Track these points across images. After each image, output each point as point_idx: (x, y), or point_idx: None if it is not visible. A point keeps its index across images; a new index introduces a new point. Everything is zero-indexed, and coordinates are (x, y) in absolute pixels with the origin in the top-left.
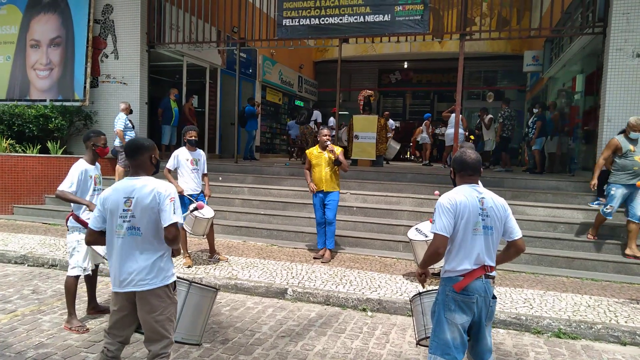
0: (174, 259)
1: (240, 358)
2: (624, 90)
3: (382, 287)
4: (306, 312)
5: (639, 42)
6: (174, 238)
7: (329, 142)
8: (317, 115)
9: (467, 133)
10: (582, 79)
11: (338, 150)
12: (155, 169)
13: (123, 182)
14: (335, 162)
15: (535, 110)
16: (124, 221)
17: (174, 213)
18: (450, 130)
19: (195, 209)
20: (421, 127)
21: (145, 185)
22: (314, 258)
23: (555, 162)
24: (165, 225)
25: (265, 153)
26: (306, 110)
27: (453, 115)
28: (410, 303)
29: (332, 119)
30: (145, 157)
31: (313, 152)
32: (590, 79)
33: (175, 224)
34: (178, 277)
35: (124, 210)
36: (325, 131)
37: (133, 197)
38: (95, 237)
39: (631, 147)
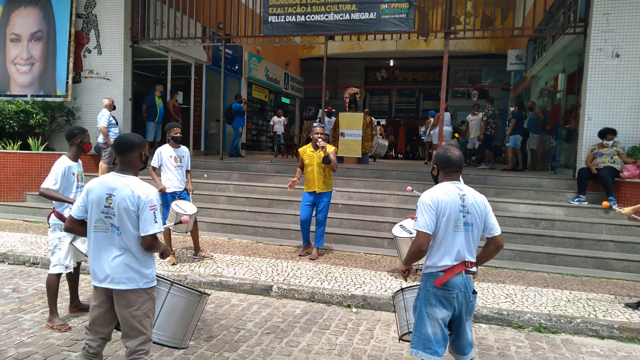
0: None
1: (225, 355)
2: (604, 89)
3: (367, 283)
4: (291, 308)
5: (619, 42)
6: (149, 247)
7: (320, 140)
8: (321, 113)
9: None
10: (564, 78)
11: (330, 148)
12: (144, 166)
13: (109, 177)
14: (324, 160)
15: (511, 109)
16: (105, 216)
17: (155, 222)
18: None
19: (180, 222)
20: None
21: (127, 186)
22: (299, 255)
23: (537, 159)
24: (142, 235)
25: (250, 150)
26: (313, 107)
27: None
28: (392, 299)
29: (332, 117)
30: (135, 155)
31: (306, 150)
32: (572, 78)
33: (153, 235)
34: (160, 277)
35: (105, 206)
36: (318, 129)
37: (114, 196)
38: (75, 225)
39: None
